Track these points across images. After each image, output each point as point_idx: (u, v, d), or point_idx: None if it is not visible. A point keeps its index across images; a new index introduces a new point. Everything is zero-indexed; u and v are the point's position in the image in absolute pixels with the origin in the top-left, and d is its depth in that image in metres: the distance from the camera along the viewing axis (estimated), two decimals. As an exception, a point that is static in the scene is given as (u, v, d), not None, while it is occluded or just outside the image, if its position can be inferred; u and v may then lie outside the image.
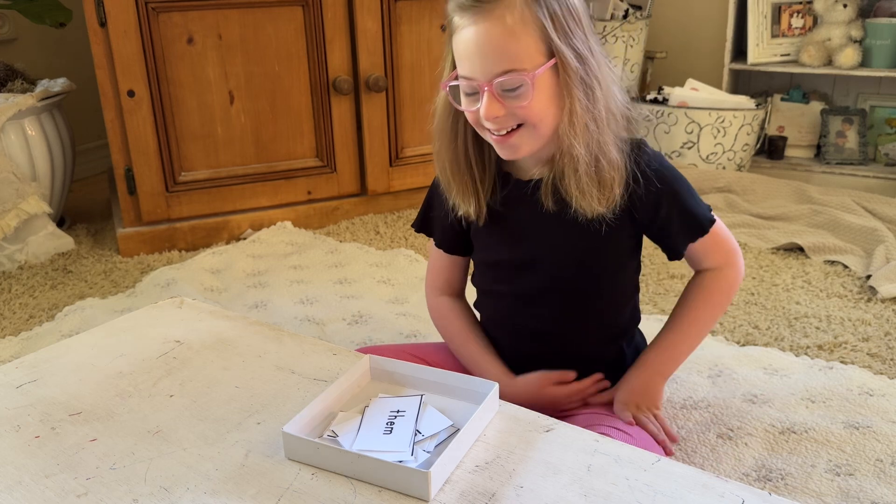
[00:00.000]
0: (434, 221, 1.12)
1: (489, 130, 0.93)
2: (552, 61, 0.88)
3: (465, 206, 1.01)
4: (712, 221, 1.00)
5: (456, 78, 0.93)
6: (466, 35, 0.89)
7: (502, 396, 0.84)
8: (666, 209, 0.98)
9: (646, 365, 1.05)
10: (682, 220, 0.99)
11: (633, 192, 0.95)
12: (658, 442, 1.00)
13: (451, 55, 0.94)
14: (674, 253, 1.02)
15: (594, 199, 0.93)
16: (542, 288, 1.04)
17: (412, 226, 1.17)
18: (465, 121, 0.97)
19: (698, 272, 1.06)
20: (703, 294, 1.04)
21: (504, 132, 0.92)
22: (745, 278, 1.78)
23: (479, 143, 0.99)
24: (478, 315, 1.16)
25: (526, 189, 0.99)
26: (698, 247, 1.01)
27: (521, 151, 0.94)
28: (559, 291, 1.04)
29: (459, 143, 0.99)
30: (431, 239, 1.15)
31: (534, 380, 1.04)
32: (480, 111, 0.90)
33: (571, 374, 1.05)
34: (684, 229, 0.99)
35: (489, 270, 1.10)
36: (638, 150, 0.96)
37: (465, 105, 0.94)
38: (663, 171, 0.97)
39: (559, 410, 1.04)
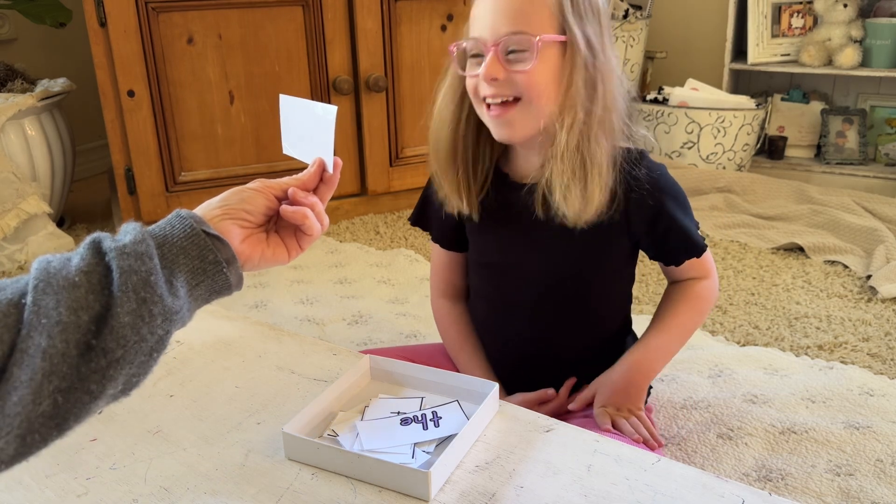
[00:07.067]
0: (431, 216, 1.11)
1: (486, 104, 0.92)
2: (562, 37, 0.89)
3: (454, 197, 1.00)
4: (705, 244, 1.01)
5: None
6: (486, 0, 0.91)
7: None
8: (663, 225, 0.97)
9: (631, 365, 1.02)
10: (678, 238, 0.98)
11: (628, 200, 0.94)
12: (636, 441, 0.96)
13: (468, 26, 0.94)
14: (671, 262, 1.02)
15: (576, 203, 0.91)
16: (531, 294, 1.04)
17: (409, 219, 1.16)
18: (470, 110, 0.96)
19: (675, 282, 1.06)
20: (688, 299, 1.04)
21: (500, 101, 0.90)
22: (745, 278, 1.79)
23: (478, 135, 0.98)
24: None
25: (520, 191, 0.98)
26: (689, 262, 1.01)
27: (516, 131, 0.92)
28: (548, 298, 1.03)
29: (460, 130, 0.98)
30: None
31: (514, 402, 1.03)
32: (481, 72, 0.89)
33: (551, 392, 1.05)
34: (681, 248, 0.99)
35: (480, 271, 1.10)
36: (637, 160, 0.95)
37: (468, 69, 0.93)
38: (661, 181, 0.96)
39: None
